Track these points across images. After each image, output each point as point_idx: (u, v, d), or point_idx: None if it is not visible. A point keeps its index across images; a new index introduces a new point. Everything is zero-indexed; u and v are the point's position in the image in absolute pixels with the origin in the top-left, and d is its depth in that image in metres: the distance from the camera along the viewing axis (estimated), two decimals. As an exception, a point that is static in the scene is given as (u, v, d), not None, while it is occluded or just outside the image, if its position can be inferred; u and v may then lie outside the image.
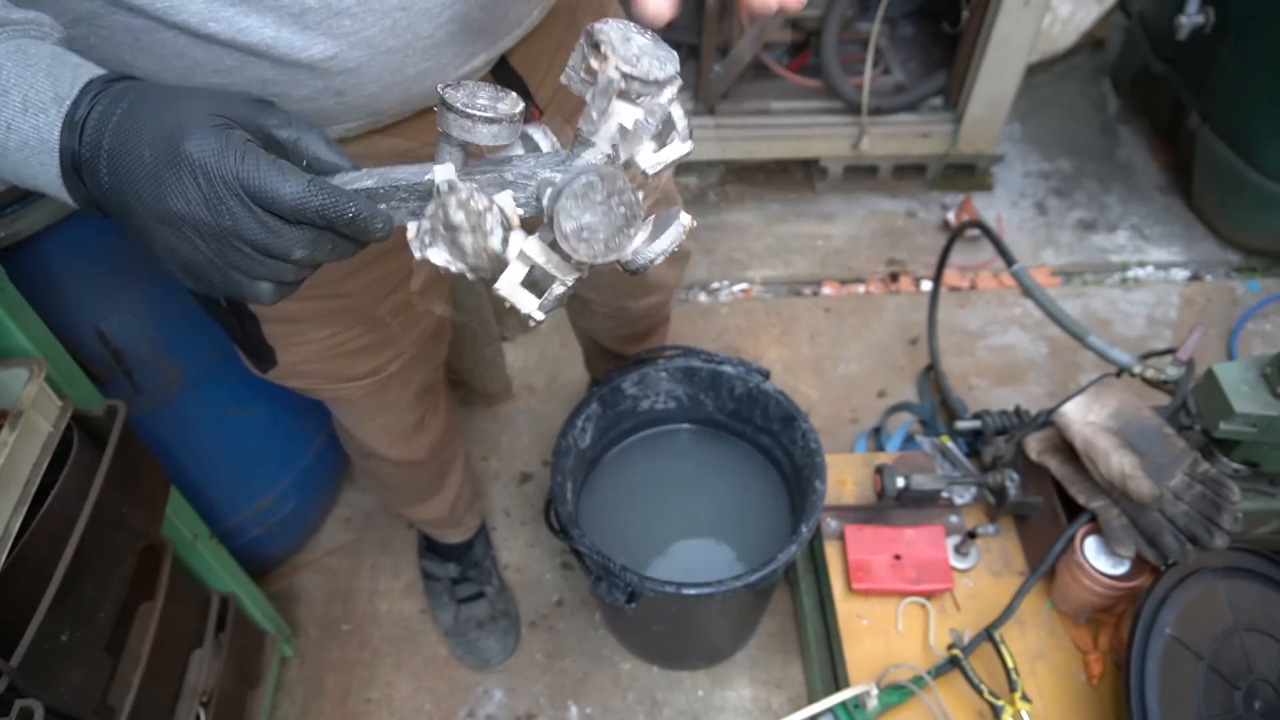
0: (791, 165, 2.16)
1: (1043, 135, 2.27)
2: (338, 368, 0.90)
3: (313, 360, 0.88)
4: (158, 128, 0.45)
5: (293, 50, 0.55)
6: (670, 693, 1.39)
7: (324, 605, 1.49)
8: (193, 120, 0.45)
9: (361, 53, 0.57)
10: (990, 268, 1.96)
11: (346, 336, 0.87)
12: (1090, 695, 1.15)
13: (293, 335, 0.85)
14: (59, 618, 0.81)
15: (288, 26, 0.54)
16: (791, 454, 1.25)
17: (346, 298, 0.82)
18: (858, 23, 2.02)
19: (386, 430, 1.07)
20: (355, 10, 0.55)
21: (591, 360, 1.51)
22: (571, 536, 1.09)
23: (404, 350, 0.94)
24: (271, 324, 0.84)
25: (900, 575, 1.22)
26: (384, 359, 0.92)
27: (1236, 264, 1.97)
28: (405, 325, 0.91)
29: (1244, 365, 1.08)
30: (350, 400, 0.98)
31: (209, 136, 0.44)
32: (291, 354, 0.87)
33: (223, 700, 1.14)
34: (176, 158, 0.44)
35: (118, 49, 0.54)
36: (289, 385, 0.93)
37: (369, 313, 0.86)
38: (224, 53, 0.55)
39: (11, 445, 0.79)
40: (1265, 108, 1.77)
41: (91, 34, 0.52)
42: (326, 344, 0.86)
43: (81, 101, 0.46)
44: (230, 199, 0.45)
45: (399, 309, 0.88)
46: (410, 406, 1.06)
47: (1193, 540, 1.04)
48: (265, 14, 0.53)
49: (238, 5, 0.52)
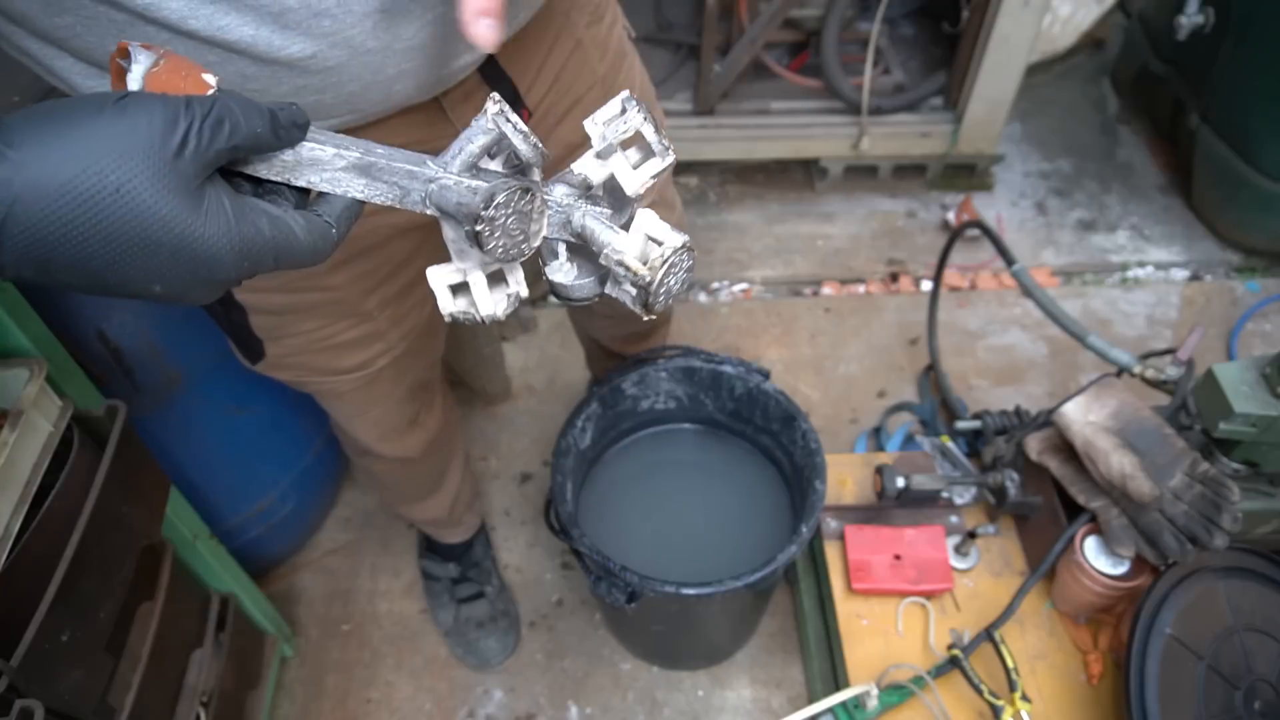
0: (791, 165, 2.16)
1: (1043, 135, 2.27)
2: (325, 360, 0.90)
3: (300, 353, 0.88)
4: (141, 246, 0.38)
5: (272, 48, 0.55)
6: (670, 693, 1.39)
7: (324, 605, 1.49)
8: (197, 231, 0.40)
9: (341, 52, 0.57)
10: (990, 268, 1.96)
11: (334, 330, 0.87)
12: (1090, 695, 1.15)
13: (280, 327, 0.85)
14: (59, 618, 0.81)
15: (267, 25, 0.54)
16: (791, 454, 1.25)
17: (332, 290, 0.82)
18: (858, 23, 2.02)
19: (377, 425, 1.07)
20: (335, 11, 0.55)
21: (593, 360, 1.51)
22: (571, 536, 1.09)
23: (393, 345, 0.93)
24: (258, 315, 0.84)
25: (900, 575, 1.22)
26: (372, 353, 0.92)
27: (1236, 264, 1.97)
28: (394, 319, 0.91)
29: (1244, 365, 1.08)
30: (340, 394, 0.98)
31: (226, 259, 0.41)
32: (279, 346, 0.87)
33: (223, 700, 1.14)
34: (210, 284, 0.42)
35: (102, 39, 0.54)
36: (278, 377, 0.93)
37: (356, 306, 0.85)
38: (204, 49, 0.55)
39: (12, 445, 0.79)
40: (1265, 108, 1.77)
41: (78, 23, 0.52)
42: (313, 336, 0.86)
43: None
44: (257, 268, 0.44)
45: (387, 303, 0.88)
46: (403, 402, 1.05)
47: (1193, 540, 1.04)
48: (244, 12, 0.53)
49: (216, 3, 0.52)
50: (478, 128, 0.48)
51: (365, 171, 0.47)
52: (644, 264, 0.49)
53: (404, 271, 0.87)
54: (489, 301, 0.51)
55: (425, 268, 0.93)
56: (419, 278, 0.91)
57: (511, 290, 0.52)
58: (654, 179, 0.51)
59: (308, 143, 0.45)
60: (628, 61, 0.91)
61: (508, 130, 0.48)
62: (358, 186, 0.47)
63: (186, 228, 0.39)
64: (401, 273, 0.87)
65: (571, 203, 0.52)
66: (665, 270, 0.49)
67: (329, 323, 0.86)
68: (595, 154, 0.51)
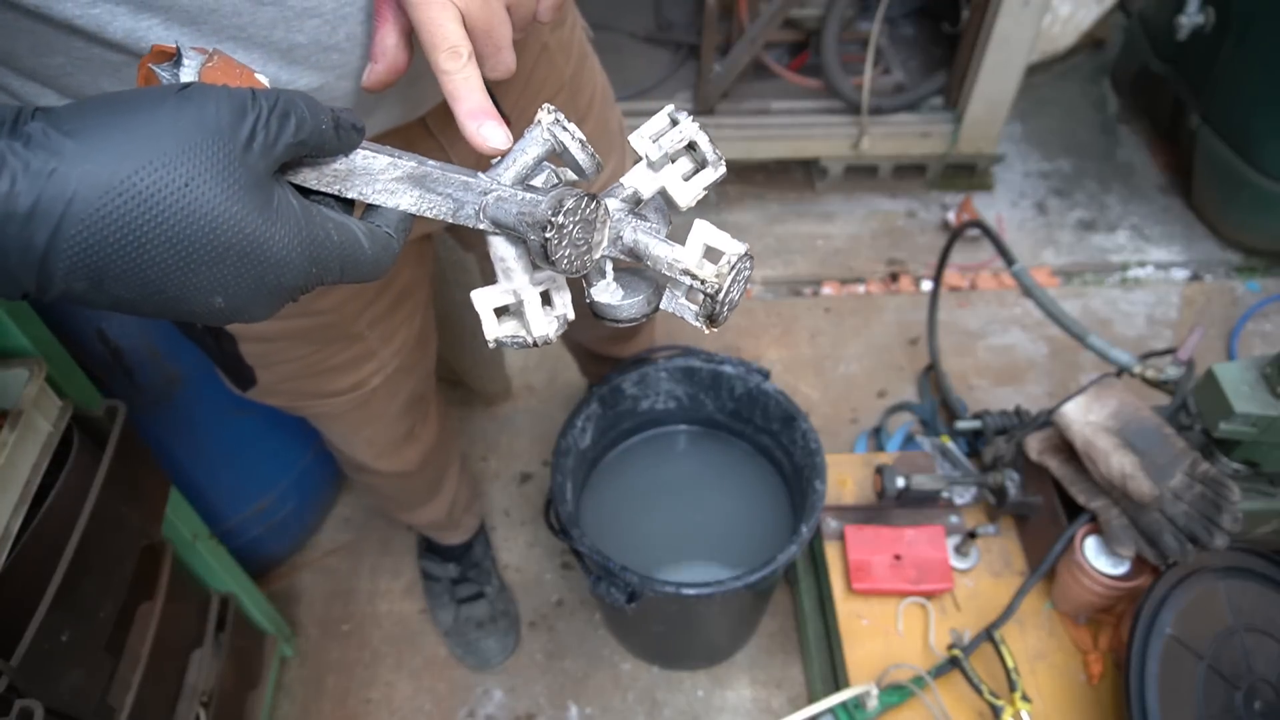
0: (791, 165, 2.16)
1: (1043, 135, 2.27)
2: (319, 384, 0.90)
3: (293, 378, 0.88)
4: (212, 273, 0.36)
5: (279, 84, 0.55)
6: (670, 693, 1.39)
7: (324, 605, 1.49)
8: (265, 235, 0.37)
9: (349, 83, 0.57)
10: (990, 268, 1.96)
11: (326, 354, 0.86)
12: (1090, 695, 1.15)
13: (270, 354, 0.85)
14: (59, 618, 0.81)
15: (275, 62, 0.54)
16: (791, 454, 1.25)
17: (323, 314, 0.81)
18: (858, 22, 2.02)
19: (372, 443, 1.06)
20: (344, 45, 0.55)
21: (584, 366, 1.50)
22: (571, 536, 1.09)
23: (385, 363, 0.93)
24: (248, 343, 0.83)
25: (900, 575, 1.22)
26: (365, 373, 0.92)
27: (1236, 264, 1.97)
28: (384, 337, 0.90)
29: (1244, 365, 1.08)
30: (335, 416, 0.97)
31: (296, 264, 0.38)
32: (271, 372, 0.87)
33: (223, 700, 1.13)
34: (276, 293, 0.39)
35: (95, 78, 0.52)
36: (271, 403, 0.93)
37: (346, 328, 0.85)
38: None
39: (11, 445, 0.79)
40: (1265, 108, 1.77)
41: (69, 64, 0.51)
42: (305, 362, 0.86)
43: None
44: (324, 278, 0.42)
45: (376, 321, 0.87)
46: (398, 418, 1.05)
47: (1193, 540, 1.04)
48: (252, 50, 0.52)
49: (224, 44, 0.51)
50: (531, 138, 0.46)
51: (420, 183, 0.45)
52: (713, 273, 0.46)
53: (390, 288, 0.87)
54: (542, 322, 0.48)
55: (410, 282, 0.92)
56: (406, 292, 0.91)
57: (559, 312, 0.49)
58: (706, 191, 0.49)
59: (361, 150, 0.43)
60: (590, 63, 0.90)
61: (564, 139, 0.46)
62: (411, 198, 0.45)
63: (257, 228, 0.36)
64: (389, 289, 0.87)
65: (621, 218, 0.49)
66: (733, 278, 0.46)
67: (320, 347, 0.85)
68: (647, 166, 0.49)
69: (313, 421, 1.03)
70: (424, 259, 0.94)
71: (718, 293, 0.46)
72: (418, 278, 0.93)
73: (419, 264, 0.92)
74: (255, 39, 0.52)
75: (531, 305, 0.47)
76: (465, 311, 1.51)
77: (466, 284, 1.46)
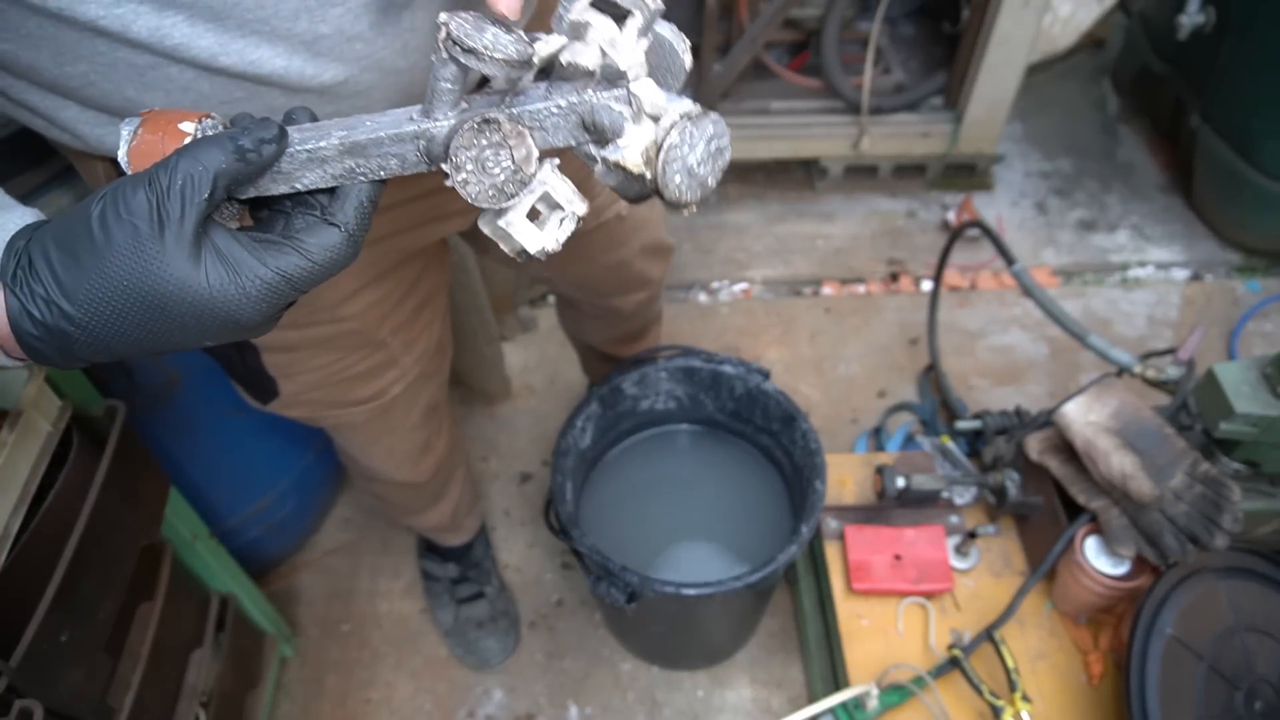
0: (791, 165, 2.16)
1: (1043, 135, 2.27)
2: (341, 393, 0.90)
3: (315, 388, 0.87)
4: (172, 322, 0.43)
5: (304, 78, 0.55)
6: (670, 693, 1.39)
7: (324, 605, 1.49)
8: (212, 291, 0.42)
9: (373, 75, 0.57)
10: (990, 267, 1.96)
11: (349, 361, 0.86)
12: (1091, 695, 1.14)
13: (293, 363, 0.84)
14: (59, 618, 0.81)
15: (299, 55, 0.54)
16: (791, 454, 1.25)
17: (347, 321, 0.81)
18: (858, 22, 2.02)
19: (392, 453, 1.07)
20: (368, 35, 0.55)
21: (588, 365, 1.50)
22: (571, 536, 1.09)
23: (407, 371, 0.93)
24: (271, 354, 0.83)
25: (900, 575, 1.22)
26: (387, 380, 0.92)
27: (1237, 264, 1.97)
28: (406, 344, 0.90)
29: (1244, 365, 1.08)
30: (355, 426, 0.97)
31: (256, 299, 0.43)
32: (293, 383, 0.87)
33: (222, 700, 1.13)
34: (245, 330, 0.45)
35: (120, 85, 0.53)
36: (291, 415, 0.93)
37: (370, 335, 0.85)
38: (233, 84, 0.54)
39: (11, 445, 0.79)
40: (1266, 108, 1.77)
41: (92, 71, 0.51)
42: (328, 370, 0.86)
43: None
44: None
45: (399, 328, 0.87)
46: (416, 428, 1.05)
47: (1193, 540, 1.04)
48: (277, 44, 0.52)
49: (248, 37, 0.51)
50: (437, 62, 0.44)
51: (355, 152, 0.45)
52: (644, 160, 0.44)
53: (414, 294, 0.87)
54: (535, 234, 0.47)
55: (431, 288, 0.92)
56: (427, 299, 0.91)
57: (567, 213, 0.47)
58: (643, 36, 0.45)
59: (292, 146, 0.44)
60: None
61: (458, 55, 0.42)
62: (358, 171, 0.46)
63: (197, 291, 0.42)
64: (411, 295, 0.87)
65: (580, 99, 0.45)
66: (666, 155, 0.43)
67: (344, 355, 0.85)
68: (571, 38, 0.45)
69: (332, 433, 1.03)
70: (443, 264, 0.94)
71: (653, 179, 0.44)
72: (438, 284, 0.93)
73: (439, 269, 0.92)
74: (279, 31, 0.52)
75: (518, 216, 0.46)
76: (465, 312, 1.51)
77: (466, 284, 1.46)
